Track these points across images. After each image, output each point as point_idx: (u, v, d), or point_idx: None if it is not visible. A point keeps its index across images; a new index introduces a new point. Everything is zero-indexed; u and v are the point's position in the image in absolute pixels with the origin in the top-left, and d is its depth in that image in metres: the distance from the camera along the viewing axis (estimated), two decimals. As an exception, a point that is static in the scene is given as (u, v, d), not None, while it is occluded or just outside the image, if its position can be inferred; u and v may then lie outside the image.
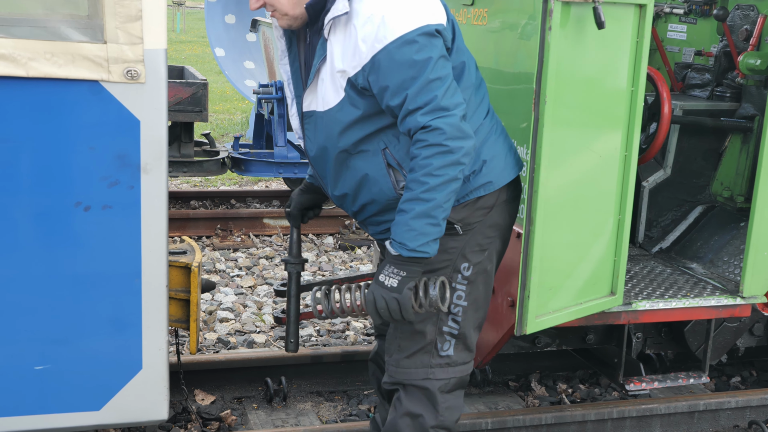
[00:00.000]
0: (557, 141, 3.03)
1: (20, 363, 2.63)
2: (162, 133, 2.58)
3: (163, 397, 2.79)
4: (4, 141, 2.47)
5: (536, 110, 2.96)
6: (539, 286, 3.12)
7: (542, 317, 3.20)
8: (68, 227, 2.58)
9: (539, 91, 2.94)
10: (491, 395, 4.45)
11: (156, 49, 2.52)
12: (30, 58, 2.42)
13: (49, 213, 2.56)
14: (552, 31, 2.89)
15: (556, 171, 3.06)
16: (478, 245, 2.83)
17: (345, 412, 4.23)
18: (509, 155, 2.89)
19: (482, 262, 2.86)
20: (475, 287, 2.86)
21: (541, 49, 2.92)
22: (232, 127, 11.92)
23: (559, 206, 3.13)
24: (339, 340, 5.05)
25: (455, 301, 2.83)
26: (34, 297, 2.61)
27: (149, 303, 2.69)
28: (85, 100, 2.50)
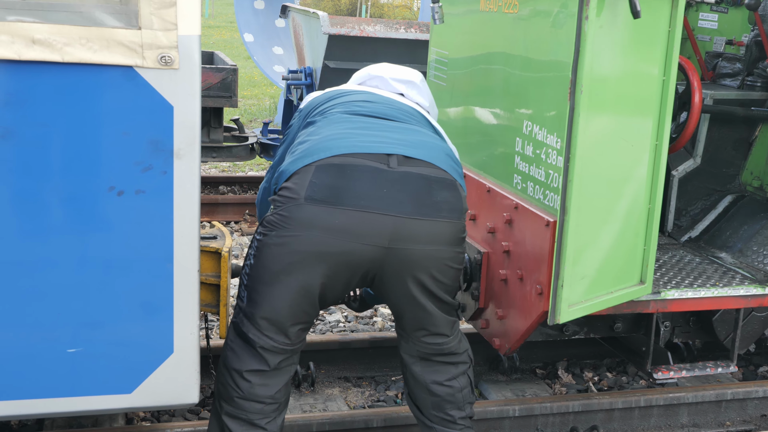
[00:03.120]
0: (591, 130, 3.03)
1: (54, 345, 2.66)
2: (195, 118, 2.60)
3: (194, 380, 2.81)
4: (39, 125, 2.49)
5: (572, 100, 2.97)
6: (572, 275, 3.12)
7: (574, 306, 3.21)
8: (101, 211, 2.60)
9: (575, 81, 2.94)
10: (518, 382, 4.46)
11: (190, 35, 2.54)
12: (65, 43, 2.44)
13: (83, 197, 2.58)
14: (589, 20, 2.88)
15: (590, 160, 3.06)
16: (271, 223, 2.96)
17: (373, 398, 4.26)
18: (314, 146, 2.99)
19: (267, 236, 2.95)
20: (259, 255, 2.96)
21: (577, 38, 2.92)
22: (260, 113, 11.95)
23: (592, 195, 3.13)
24: (367, 326, 5.07)
25: (249, 257, 3.02)
26: (67, 280, 2.63)
27: (181, 287, 2.71)
28: (119, 85, 2.52)
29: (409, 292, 2.98)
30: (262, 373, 2.98)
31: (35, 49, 2.42)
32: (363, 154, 2.86)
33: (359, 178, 2.83)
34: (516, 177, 3.58)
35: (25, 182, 2.53)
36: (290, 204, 2.84)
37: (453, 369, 3.22)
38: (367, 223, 2.81)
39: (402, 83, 3.45)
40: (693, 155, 4.46)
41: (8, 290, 2.59)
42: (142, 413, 3.89)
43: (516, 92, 3.58)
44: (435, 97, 4.04)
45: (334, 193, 2.81)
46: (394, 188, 2.84)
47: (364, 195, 2.81)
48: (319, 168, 2.83)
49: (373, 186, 2.82)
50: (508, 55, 3.64)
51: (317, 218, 2.80)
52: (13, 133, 2.48)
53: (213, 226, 3.71)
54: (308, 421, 3.69)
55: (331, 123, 3.05)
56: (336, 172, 2.83)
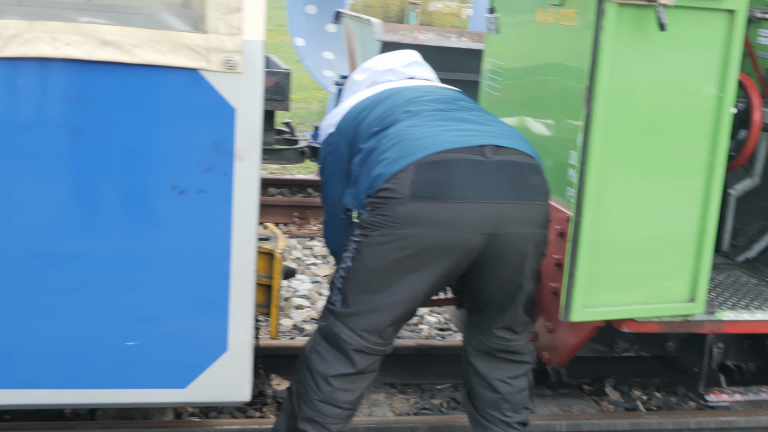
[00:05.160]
0: (612, 139, 3.03)
1: (113, 338, 2.73)
2: (257, 121, 2.65)
3: (247, 379, 2.86)
4: (108, 124, 2.56)
5: (588, 107, 2.99)
6: (588, 276, 3.14)
7: (592, 308, 3.20)
8: (163, 209, 2.67)
9: (591, 88, 2.96)
10: (565, 397, 4.44)
11: (254, 41, 2.59)
12: (135, 45, 2.50)
13: (147, 195, 2.64)
14: (605, 30, 2.90)
15: (610, 167, 3.07)
16: (372, 225, 2.96)
17: (418, 406, 4.27)
18: (411, 144, 2.99)
19: (370, 238, 2.95)
20: (359, 257, 2.99)
21: (594, 49, 2.94)
22: (308, 117, 12.04)
23: (616, 203, 3.13)
24: (412, 333, 5.09)
25: (345, 258, 3.03)
26: (128, 275, 2.70)
27: (237, 286, 2.76)
28: (184, 87, 2.58)
29: (505, 276, 3.05)
30: (348, 377, 3.03)
31: (106, 50, 2.49)
32: (459, 149, 2.90)
33: (461, 171, 2.87)
34: (569, 190, 3.58)
35: (92, 178, 2.61)
36: (393, 203, 2.86)
37: (516, 368, 3.28)
38: (473, 213, 2.86)
39: (410, 67, 3.59)
40: (751, 174, 4.41)
41: (72, 282, 2.67)
42: (191, 409, 3.94)
43: (571, 104, 3.57)
44: (488, 107, 4.06)
45: (438, 188, 2.84)
46: (494, 177, 2.90)
47: (467, 186, 2.86)
48: (419, 166, 2.85)
49: (474, 177, 2.88)
50: (564, 66, 3.64)
51: (424, 214, 2.84)
52: (83, 130, 2.55)
53: (266, 228, 3.76)
54: (354, 426, 3.70)
55: (412, 126, 3.02)
56: (437, 168, 2.85)
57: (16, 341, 2.71)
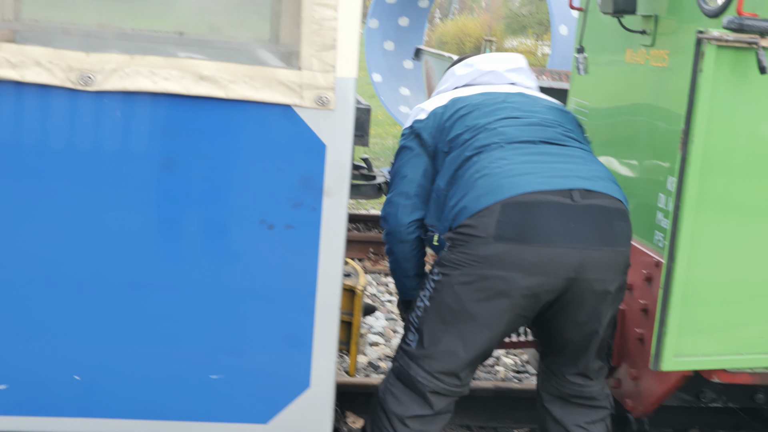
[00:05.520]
0: (708, 183, 2.95)
1: (198, 371, 2.74)
2: (347, 158, 2.65)
3: (328, 416, 2.83)
4: (201, 158, 2.59)
5: (683, 150, 2.92)
6: (680, 324, 3.05)
7: (683, 357, 3.11)
8: (251, 243, 2.67)
9: (687, 132, 2.90)
10: (645, 445, 4.32)
11: (347, 78, 2.59)
12: (230, 80, 2.53)
13: (236, 228, 2.66)
14: (703, 73, 2.84)
15: (705, 211, 2.98)
16: (455, 262, 2.95)
17: (493, 447, 4.21)
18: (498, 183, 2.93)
19: (450, 277, 2.96)
20: (438, 296, 2.99)
21: (691, 91, 2.88)
22: (383, 152, 12.09)
23: (710, 248, 3.04)
24: (488, 375, 5.02)
25: (422, 298, 3.05)
26: (215, 308, 2.71)
27: (322, 322, 2.75)
28: (277, 123, 2.60)
29: (582, 321, 3.02)
30: (424, 418, 3.01)
31: (202, 85, 2.52)
32: (548, 191, 2.86)
33: (547, 214, 2.84)
34: (657, 234, 3.51)
35: (183, 210, 2.63)
36: (476, 242, 2.85)
37: (593, 413, 3.23)
38: (557, 257, 2.84)
39: (514, 72, 3.50)
40: None
41: (159, 313, 2.69)
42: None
43: (661, 146, 3.52)
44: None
45: (523, 231, 2.82)
46: (580, 221, 2.87)
47: (552, 230, 2.84)
48: (506, 206, 2.83)
49: (560, 221, 2.85)
50: (653, 107, 3.59)
51: (508, 256, 2.82)
52: (176, 163, 2.58)
53: (347, 264, 3.76)
54: (430, 466, 3.65)
55: (502, 159, 2.96)
56: (524, 210, 2.83)
57: (100, 370, 2.73)
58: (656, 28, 3.58)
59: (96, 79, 2.50)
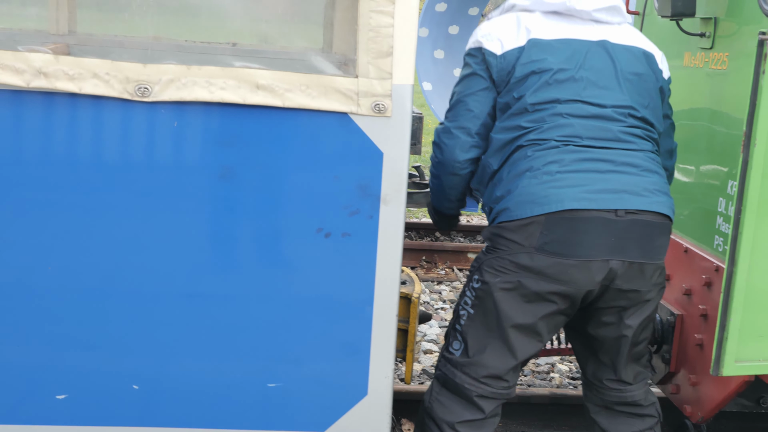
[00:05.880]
0: None
1: (256, 379, 2.75)
2: (403, 166, 2.64)
3: (386, 424, 2.83)
4: (258, 167, 2.60)
5: (745, 152, 2.88)
6: (741, 329, 3.01)
7: (744, 362, 3.06)
8: (309, 252, 2.68)
9: (750, 134, 2.85)
10: (705, 453, 4.24)
11: (403, 85, 2.59)
12: (286, 89, 2.54)
13: (293, 237, 2.66)
14: (766, 74, 2.79)
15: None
16: (494, 268, 2.92)
17: (550, 456, 4.17)
18: (546, 192, 2.84)
19: (492, 285, 2.91)
20: (481, 303, 2.96)
21: (753, 92, 2.83)
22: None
23: None
24: (544, 382, 4.98)
25: (464, 306, 3.04)
26: (272, 316, 2.72)
27: (379, 330, 2.74)
28: (333, 130, 2.60)
29: (613, 326, 3.04)
30: (474, 422, 3.01)
31: (259, 94, 2.53)
32: (593, 210, 2.84)
33: (590, 230, 2.83)
34: (717, 238, 3.45)
35: (240, 219, 2.64)
36: (517, 250, 2.87)
37: (640, 422, 3.20)
38: (597, 270, 2.86)
39: (604, 11, 3.12)
40: None
41: (217, 322, 2.70)
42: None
43: (720, 150, 3.46)
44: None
45: (566, 245, 2.83)
46: (622, 236, 2.87)
47: (595, 246, 2.84)
48: (550, 219, 2.82)
49: (603, 236, 2.85)
50: (713, 111, 3.54)
51: (549, 268, 2.85)
52: (234, 172, 2.59)
53: (402, 272, 3.75)
54: (487, 475, 3.63)
55: (555, 164, 2.87)
56: (567, 225, 2.83)
57: (159, 380, 2.75)
58: (715, 31, 3.52)
59: (153, 90, 2.53)
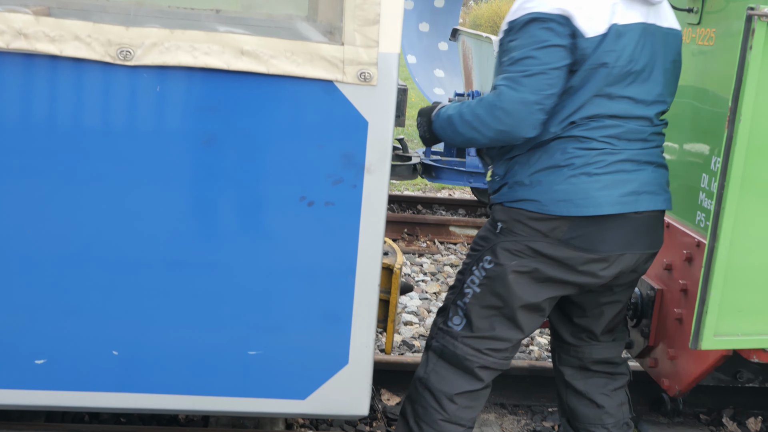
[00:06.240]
0: (753, 163, 2.91)
1: (237, 347, 2.74)
2: (388, 135, 2.63)
3: (366, 392, 2.84)
4: (241, 133, 2.58)
5: (729, 128, 2.88)
6: (721, 304, 3.03)
7: (723, 337, 3.10)
8: (291, 220, 2.67)
9: (735, 110, 2.86)
10: (680, 426, 4.30)
11: (390, 53, 2.57)
12: (272, 55, 2.52)
13: (275, 205, 2.65)
14: (753, 50, 2.80)
15: (750, 192, 2.94)
16: (510, 252, 2.91)
17: (528, 427, 4.20)
18: (584, 195, 2.82)
19: (506, 266, 2.90)
20: (491, 284, 2.96)
21: (740, 68, 2.83)
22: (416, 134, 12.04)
23: (753, 229, 3.00)
24: (523, 354, 5.01)
25: (470, 284, 2.99)
26: (253, 284, 2.71)
27: (361, 300, 2.75)
28: (318, 98, 2.58)
29: (610, 302, 3.17)
30: (472, 393, 3.03)
31: (243, 60, 2.51)
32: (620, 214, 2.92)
33: (614, 229, 2.90)
34: (699, 214, 3.46)
35: (222, 187, 2.63)
36: (540, 239, 2.88)
37: (612, 382, 3.30)
38: (614, 264, 2.95)
39: None
40: None
41: (198, 290, 2.69)
42: (302, 420, 3.95)
43: (705, 127, 3.47)
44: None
45: (590, 242, 2.88)
46: (638, 231, 2.96)
47: (615, 243, 2.91)
48: (581, 219, 2.85)
49: (623, 234, 2.92)
50: (698, 89, 3.53)
51: (569, 260, 2.89)
52: (217, 139, 2.57)
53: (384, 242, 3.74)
54: (466, 445, 3.65)
55: (591, 166, 2.83)
56: (594, 224, 2.87)
57: (139, 346, 2.74)
58: (703, 6, 3.51)
59: (136, 53, 2.50)
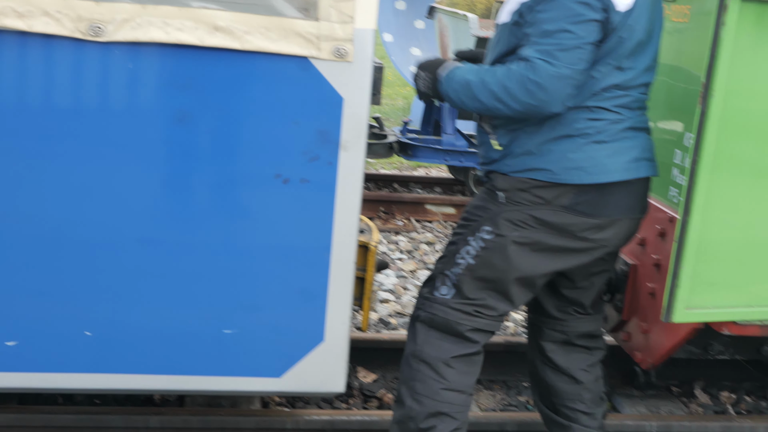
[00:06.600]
0: (726, 139, 2.94)
1: (211, 325, 2.74)
2: (364, 112, 2.62)
3: (342, 369, 2.85)
4: (215, 110, 2.57)
5: (703, 104, 2.90)
6: (693, 277, 3.07)
7: (694, 310, 3.14)
8: (267, 198, 2.66)
9: (708, 86, 2.88)
10: (653, 399, 4.34)
11: (365, 29, 2.57)
12: (246, 31, 2.50)
13: (251, 182, 2.64)
14: (726, 26, 2.82)
15: (722, 167, 2.98)
16: (512, 222, 2.86)
17: (504, 402, 4.22)
18: (594, 162, 2.81)
19: (506, 237, 2.85)
20: (488, 255, 2.88)
21: (713, 45, 2.85)
22: (393, 113, 12.05)
23: (724, 204, 3.03)
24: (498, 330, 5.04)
25: (464, 254, 2.92)
26: (228, 262, 2.71)
27: (336, 277, 2.75)
28: (293, 75, 2.57)
29: (600, 271, 3.16)
30: (467, 357, 2.97)
31: (217, 36, 2.49)
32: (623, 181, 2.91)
33: (616, 193, 2.87)
34: (672, 190, 3.49)
35: (197, 165, 2.61)
36: (542, 206, 2.84)
37: (590, 357, 3.28)
38: (614, 229, 2.93)
39: None
40: None
41: (172, 269, 2.68)
42: (278, 398, 3.96)
43: (679, 104, 3.49)
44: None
45: (592, 207, 2.85)
46: (635, 196, 2.95)
47: (616, 207, 2.90)
48: (586, 188, 2.83)
49: (624, 199, 2.91)
50: (672, 66, 3.55)
51: (573, 225, 2.85)
52: (191, 116, 2.56)
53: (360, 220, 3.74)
54: (442, 421, 3.67)
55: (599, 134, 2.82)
56: (600, 191, 2.85)
57: (114, 326, 2.74)
58: (677, -18, 3.53)
59: (107, 29, 2.47)
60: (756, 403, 4.41)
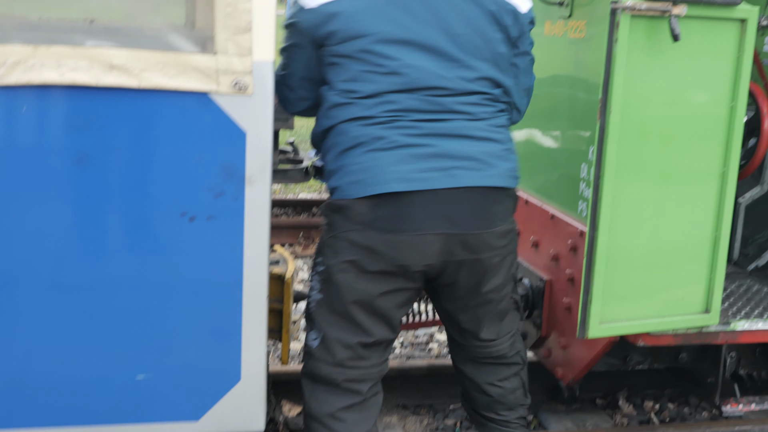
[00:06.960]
0: (626, 151, 3.02)
1: (123, 371, 2.66)
2: (267, 145, 2.59)
3: (261, 408, 2.79)
4: (115, 151, 2.50)
5: (602, 119, 2.97)
6: (604, 291, 3.11)
7: (609, 324, 3.18)
8: (173, 237, 2.59)
9: (605, 101, 2.94)
10: (578, 412, 4.37)
11: (264, 61, 2.53)
12: (143, 68, 2.44)
13: (156, 222, 2.58)
14: (618, 43, 2.88)
15: (625, 179, 3.06)
16: (333, 249, 2.82)
17: (431, 426, 4.21)
18: (373, 172, 2.72)
19: (332, 266, 2.82)
20: (325, 286, 2.86)
21: (608, 61, 2.93)
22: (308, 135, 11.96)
23: (630, 215, 3.10)
24: (423, 353, 5.02)
25: (314, 291, 2.92)
26: (137, 305, 2.63)
27: (249, 314, 2.69)
28: (193, 111, 2.52)
29: (463, 296, 2.98)
30: (355, 406, 2.93)
31: (113, 74, 2.43)
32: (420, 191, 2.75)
33: (420, 204, 2.73)
34: (581, 204, 3.53)
35: (99, 206, 2.54)
36: (350, 228, 2.76)
37: (505, 370, 3.24)
38: (430, 244, 2.77)
39: None
40: (760, 182, 4.37)
41: (79, 313, 2.59)
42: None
43: (581, 116, 3.54)
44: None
45: (395, 222, 2.73)
46: (455, 208, 2.76)
47: (423, 219, 2.74)
48: (378, 201, 2.72)
49: (432, 210, 2.74)
50: (573, 78, 3.61)
51: (381, 244, 2.74)
52: (90, 157, 2.49)
53: (275, 251, 3.70)
54: (369, 449, 3.63)
55: (381, 140, 2.74)
56: (395, 203, 2.72)
57: (19, 376, 2.62)
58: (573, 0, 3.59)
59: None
60: (678, 409, 4.48)
